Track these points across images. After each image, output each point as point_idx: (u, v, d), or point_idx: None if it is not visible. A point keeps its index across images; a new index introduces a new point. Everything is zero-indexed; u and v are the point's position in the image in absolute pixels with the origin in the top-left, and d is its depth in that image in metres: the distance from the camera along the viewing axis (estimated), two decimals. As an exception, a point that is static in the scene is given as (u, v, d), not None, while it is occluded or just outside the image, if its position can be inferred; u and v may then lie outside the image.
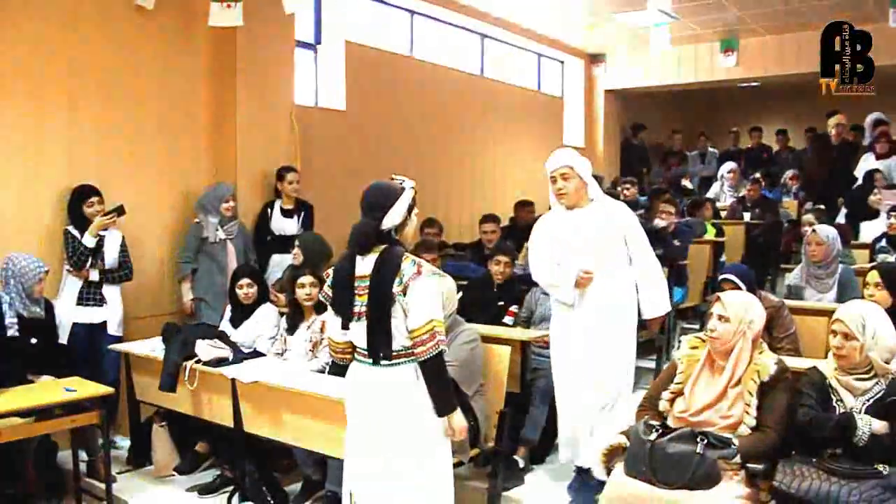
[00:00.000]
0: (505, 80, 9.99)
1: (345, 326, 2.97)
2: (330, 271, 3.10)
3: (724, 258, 7.56)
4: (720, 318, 3.27)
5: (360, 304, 2.91)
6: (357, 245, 2.95)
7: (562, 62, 11.46)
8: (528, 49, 10.68)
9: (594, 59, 11.49)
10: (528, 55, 10.83)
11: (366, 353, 2.95)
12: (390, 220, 2.94)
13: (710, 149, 11.67)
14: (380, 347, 2.90)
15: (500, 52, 10.18)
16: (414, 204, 3.05)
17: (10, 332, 4.41)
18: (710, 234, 7.77)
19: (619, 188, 8.69)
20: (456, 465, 3.86)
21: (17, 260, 4.49)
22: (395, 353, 2.91)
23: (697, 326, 6.31)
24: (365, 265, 2.92)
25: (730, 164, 10.12)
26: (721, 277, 4.34)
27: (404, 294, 2.84)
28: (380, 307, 2.87)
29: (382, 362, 2.92)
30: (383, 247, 2.92)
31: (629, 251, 4.06)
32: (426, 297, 2.87)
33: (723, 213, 9.01)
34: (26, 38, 5.03)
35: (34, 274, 4.47)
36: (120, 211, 5.14)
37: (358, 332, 2.95)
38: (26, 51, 5.04)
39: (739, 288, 4.06)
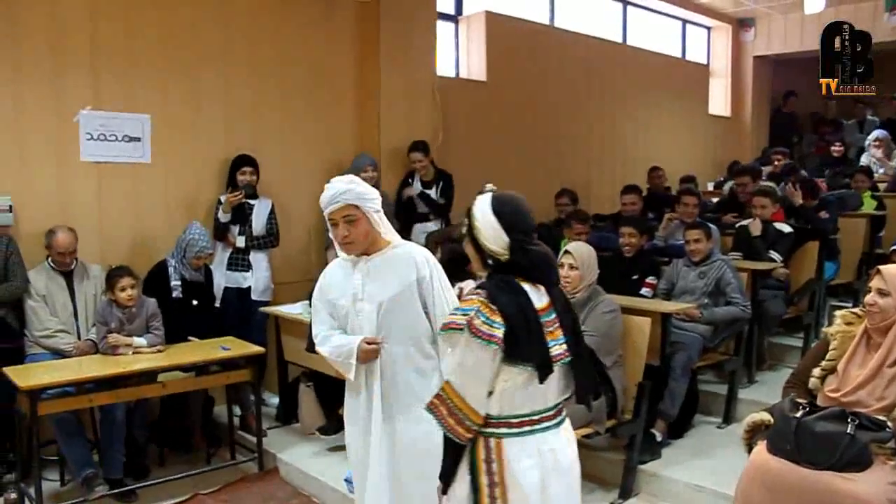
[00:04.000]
0: (648, 48, 9.72)
1: (543, 379, 2.20)
2: (476, 311, 2.18)
3: (882, 233, 7.12)
4: (879, 292, 3.08)
5: (555, 343, 2.25)
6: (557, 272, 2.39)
7: (708, 28, 11.03)
8: (672, 15, 10.34)
9: (743, 24, 10.98)
10: (673, 22, 10.48)
11: (550, 412, 2.30)
12: None
13: (869, 117, 10.93)
14: (591, 391, 2.38)
15: (643, 20, 9.91)
16: None
17: (174, 294, 4.76)
18: (869, 206, 7.31)
19: (771, 157, 8.35)
20: (592, 436, 3.90)
21: (192, 230, 4.83)
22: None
23: (850, 304, 6.00)
24: (539, 295, 2.28)
25: (877, 132, 9.43)
26: (892, 248, 4.10)
27: None
28: (581, 338, 2.36)
29: (561, 416, 2.35)
30: None
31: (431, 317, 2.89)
32: None
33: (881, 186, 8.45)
34: (183, 22, 5.36)
35: (197, 249, 4.78)
36: (248, 190, 5.37)
37: (549, 385, 2.25)
38: (184, 34, 5.37)
39: (914, 261, 3.84)
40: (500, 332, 2.15)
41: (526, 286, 2.25)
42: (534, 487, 2.23)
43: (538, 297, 2.26)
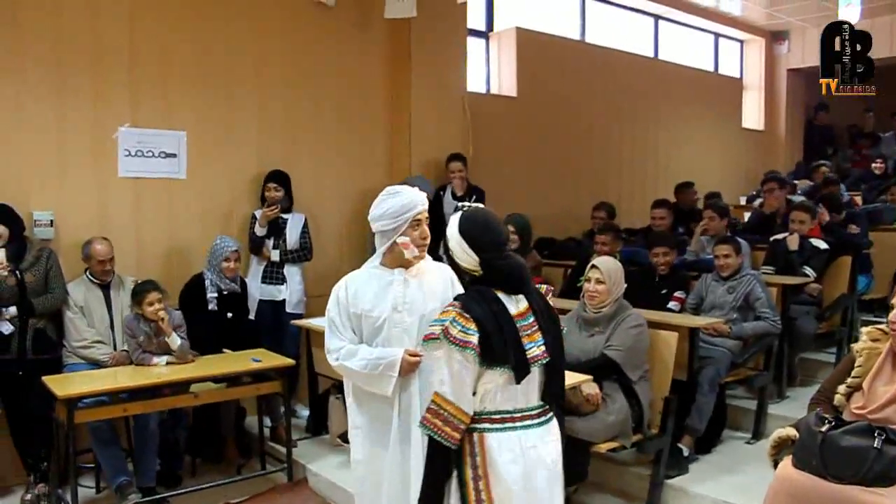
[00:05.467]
0: (680, 63, 9.71)
1: (520, 380, 2.35)
2: (451, 321, 2.32)
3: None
4: (902, 308, 3.07)
5: (533, 345, 2.38)
6: (528, 283, 2.49)
7: (741, 41, 10.97)
8: (705, 29, 10.32)
9: (776, 37, 10.91)
10: (705, 36, 10.45)
11: (533, 411, 2.45)
12: None
13: (907, 129, 10.79)
14: (561, 392, 2.54)
15: (675, 34, 9.90)
16: None
17: (210, 307, 4.85)
18: (906, 220, 7.22)
19: (818, 168, 8.28)
20: (618, 450, 3.90)
21: (218, 240, 4.94)
22: None
23: (884, 319, 5.91)
24: (515, 302, 2.42)
25: None
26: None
27: None
28: (561, 343, 2.50)
29: (547, 416, 2.50)
30: None
31: None
32: None
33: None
34: (220, 39, 5.49)
35: (220, 252, 4.88)
36: (283, 203, 5.45)
37: (529, 385, 2.41)
38: (220, 51, 5.50)
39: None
40: (474, 338, 2.30)
41: (501, 295, 2.40)
42: (517, 481, 2.34)
43: (514, 304, 2.41)
